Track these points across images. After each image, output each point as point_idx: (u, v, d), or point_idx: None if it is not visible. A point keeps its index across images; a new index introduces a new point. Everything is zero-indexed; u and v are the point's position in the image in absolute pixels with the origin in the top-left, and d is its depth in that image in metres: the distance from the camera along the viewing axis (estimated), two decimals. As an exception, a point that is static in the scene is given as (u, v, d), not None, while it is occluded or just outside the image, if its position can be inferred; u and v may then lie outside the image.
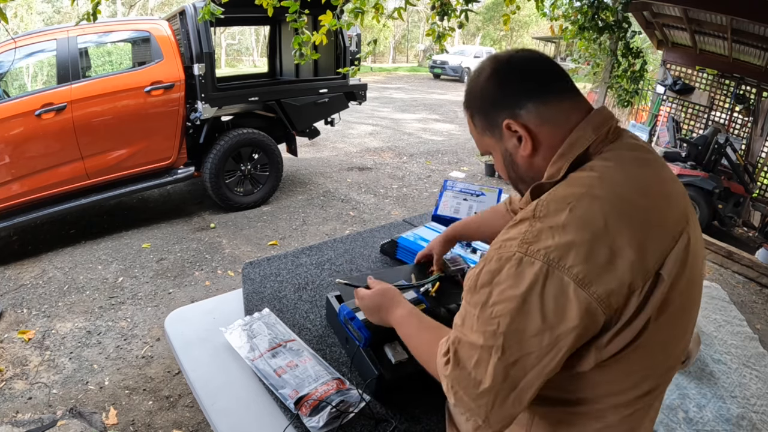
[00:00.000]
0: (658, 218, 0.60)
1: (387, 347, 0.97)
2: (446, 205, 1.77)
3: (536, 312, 0.55)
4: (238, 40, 25.54)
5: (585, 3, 3.71)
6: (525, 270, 0.56)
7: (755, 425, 1.29)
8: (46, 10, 17.92)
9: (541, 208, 0.59)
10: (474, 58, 17.54)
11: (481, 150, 0.77)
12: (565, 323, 0.55)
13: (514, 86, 0.68)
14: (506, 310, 0.56)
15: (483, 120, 0.72)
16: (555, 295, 0.55)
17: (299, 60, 2.67)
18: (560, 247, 0.55)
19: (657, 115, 5.97)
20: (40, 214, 3.21)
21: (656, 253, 0.57)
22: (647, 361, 0.61)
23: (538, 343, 0.56)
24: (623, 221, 0.56)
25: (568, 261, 0.54)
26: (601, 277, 0.54)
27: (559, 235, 0.56)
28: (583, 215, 0.56)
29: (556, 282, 0.54)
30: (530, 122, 0.66)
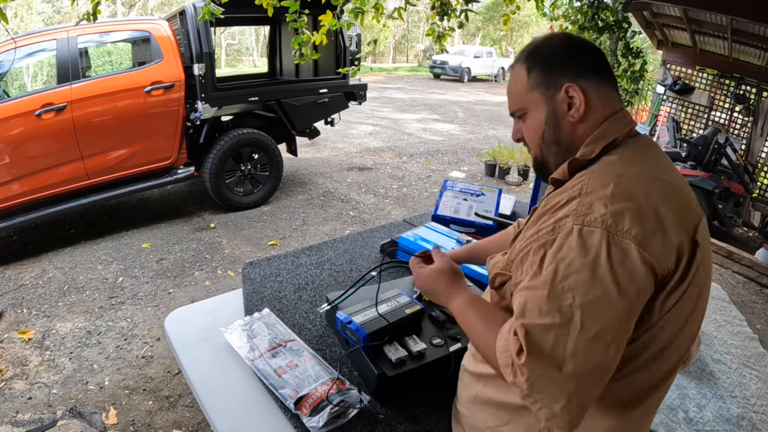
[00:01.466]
0: (684, 193, 0.66)
1: (386, 347, 0.97)
2: (446, 205, 1.77)
3: (608, 278, 0.57)
4: (238, 40, 25.53)
5: (585, 3, 3.71)
6: (587, 240, 0.58)
7: (755, 425, 1.29)
8: (46, 10, 17.91)
9: (587, 185, 0.63)
10: (474, 58, 17.54)
11: (515, 106, 0.79)
12: (635, 285, 0.57)
13: (584, 58, 0.74)
14: (579, 282, 0.58)
15: (542, 75, 0.74)
16: (621, 259, 0.57)
17: (299, 60, 2.67)
18: (615, 213, 0.59)
19: (657, 115, 5.97)
20: (40, 214, 3.21)
21: (691, 220, 0.64)
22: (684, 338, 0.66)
23: (615, 311, 0.57)
24: (660, 193, 0.62)
25: (625, 225, 0.58)
26: (655, 238, 0.59)
27: (611, 204, 0.59)
28: (627, 187, 0.61)
29: (619, 245, 0.57)
30: (588, 92, 0.72)
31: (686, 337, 0.68)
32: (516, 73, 0.77)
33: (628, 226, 0.58)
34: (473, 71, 17.42)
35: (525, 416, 0.71)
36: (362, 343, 0.95)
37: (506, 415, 0.74)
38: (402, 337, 1.00)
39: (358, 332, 0.95)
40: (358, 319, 0.98)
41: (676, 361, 0.68)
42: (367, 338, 0.95)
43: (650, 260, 0.58)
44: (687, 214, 0.64)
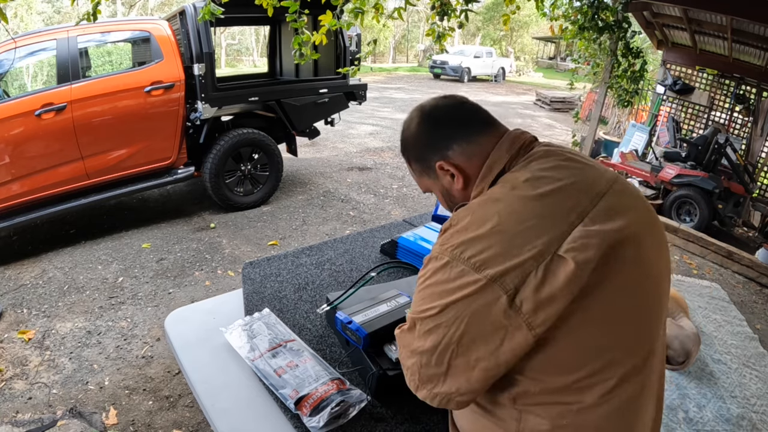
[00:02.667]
0: (554, 208, 0.67)
1: (387, 346, 0.97)
2: (446, 205, 1.77)
3: (444, 289, 0.67)
4: (238, 40, 25.52)
5: (585, 3, 3.72)
6: (437, 265, 0.69)
7: (755, 425, 1.29)
8: (46, 10, 17.91)
9: (453, 218, 0.72)
10: (474, 58, 17.55)
11: (422, 189, 0.89)
12: (463, 292, 0.64)
13: (440, 131, 0.80)
14: (427, 294, 0.69)
15: (419, 164, 0.84)
16: (455, 277, 0.66)
17: (299, 60, 2.67)
18: (462, 243, 0.67)
19: (657, 115, 5.97)
20: (40, 214, 3.21)
21: (549, 237, 0.64)
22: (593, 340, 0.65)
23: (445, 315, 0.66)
24: (516, 215, 0.66)
25: (467, 253, 0.66)
26: (494, 261, 0.64)
27: (461, 234, 0.68)
28: (481, 216, 0.68)
29: (457, 269, 0.66)
30: (459, 160, 0.78)
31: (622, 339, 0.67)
32: (406, 163, 0.88)
33: (470, 254, 0.65)
34: (473, 71, 17.42)
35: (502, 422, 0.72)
36: (362, 343, 0.96)
37: (485, 421, 0.75)
38: None
39: (359, 332, 0.96)
40: (358, 319, 0.98)
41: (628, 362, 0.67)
42: (368, 338, 0.95)
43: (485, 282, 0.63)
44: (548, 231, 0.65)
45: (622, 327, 0.67)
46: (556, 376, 0.65)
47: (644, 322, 0.70)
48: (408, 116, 0.85)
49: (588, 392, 0.65)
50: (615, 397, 0.66)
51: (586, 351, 0.65)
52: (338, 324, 1.01)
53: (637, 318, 0.69)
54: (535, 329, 0.62)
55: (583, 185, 0.70)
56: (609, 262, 0.65)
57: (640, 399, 0.69)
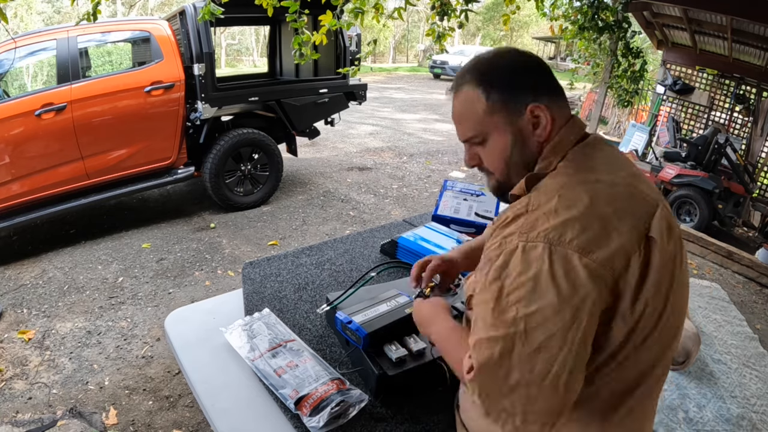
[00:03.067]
0: (634, 191, 0.66)
1: (386, 346, 0.97)
2: (446, 205, 1.77)
3: (550, 289, 0.57)
4: (238, 40, 25.52)
5: (585, 3, 3.72)
6: (530, 255, 0.59)
7: (755, 425, 1.29)
8: (46, 10, 17.91)
9: (533, 201, 0.65)
10: (474, 58, 17.53)
11: (471, 132, 0.74)
12: (579, 292, 0.57)
13: (539, 74, 0.73)
14: (522, 296, 0.59)
15: (502, 97, 0.71)
16: (564, 269, 0.58)
17: (299, 60, 2.67)
18: (557, 227, 0.60)
19: (657, 115, 5.97)
20: (40, 214, 3.21)
21: (641, 214, 0.63)
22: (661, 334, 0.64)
23: (560, 320, 0.57)
24: (605, 197, 0.63)
25: (567, 236, 0.59)
26: (599, 243, 0.59)
27: (553, 218, 0.61)
28: (571, 198, 0.62)
29: (561, 257, 0.58)
30: (552, 110, 0.71)
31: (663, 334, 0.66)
32: (467, 96, 0.73)
33: (570, 237, 0.59)
34: (473, 71, 17.39)
35: None
36: (362, 343, 0.96)
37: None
38: (402, 337, 1.00)
39: (358, 332, 0.96)
40: (358, 319, 0.98)
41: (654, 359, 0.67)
42: (368, 338, 0.95)
43: (595, 266, 0.58)
44: (636, 212, 0.63)
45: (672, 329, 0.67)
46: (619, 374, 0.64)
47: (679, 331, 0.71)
48: (497, 49, 0.76)
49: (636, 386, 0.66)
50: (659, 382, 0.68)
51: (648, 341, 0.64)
52: (338, 324, 1.01)
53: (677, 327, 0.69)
54: (632, 316, 0.61)
55: (644, 178, 0.70)
56: (676, 244, 0.65)
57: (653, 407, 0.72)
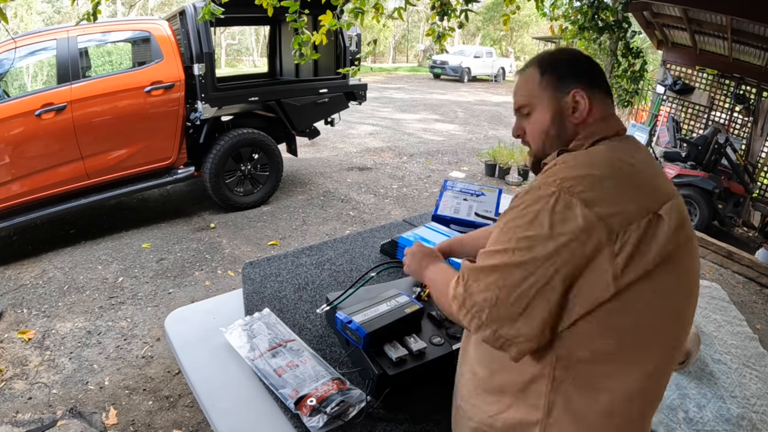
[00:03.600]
0: (653, 179, 0.72)
1: (387, 346, 0.97)
2: (446, 205, 1.77)
3: (546, 221, 0.65)
4: (238, 40, 25.52)
5: (585, 3, 3.71)
6: (541, 194, 0.68)
7: (755, 425, 1.29)
8: (46, 10, 17.91)
9: (561, 159, 0.74)
10: (474, 58, 17.53)
11: (523, 101, 0.86)
12: (567, 230, 0.64)
13: (592, 72, 0.84)
14: (522, 222, 0.68)
15: (555, 78, 0.83)
16: (562, 210, 0.65)
17: (299, 60, 2.67)
18: (572, 177, 0.67)
19: (657, 115, 5.97)
20: (40, 214, 3.21)
21: (654, 197, 0.69)
22: (661, 314, 0.68)
23: (543, 248, 0.65)
24: (625, 172, 0.70)
25: (578, 188, 0.66)
26: (604, 201, 0.65)
27: (572, 170, 0.69)
28: (593, 162, 0.71)
29: (565, 201, 0.65)
30: (593, 100, 0.81)
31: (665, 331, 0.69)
32: (528, 74, 0.86)
33: (581, 189, 0.66)
34: (473, 71, 17.41)
35: (528, 396, 0.72)
36: (362, 343, 0.96)
37: (508, 399, 0.75)
38: (402, 337, 1.00)
39: (359, 332, 0.96)
40: (357, 319, 0.98)
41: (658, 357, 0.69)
42: (368, 338, 0.95)
43: (590, 216, 0.63)
44: (650, 193, 0.69)
45: (673, 314, 0.70)
46: (606, 341, 0.67)
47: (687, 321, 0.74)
48: (566, 47, 0.91)
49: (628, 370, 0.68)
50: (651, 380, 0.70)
51: (642, 325, 0.67)
52: (338, 324, 1.01)
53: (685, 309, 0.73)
54: (619, 281, 0.64)
55: (667, 177, 0.77)
56: (687, 243, 0.69)
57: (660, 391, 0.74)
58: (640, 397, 0.69)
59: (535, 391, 0.71)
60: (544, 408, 0.70)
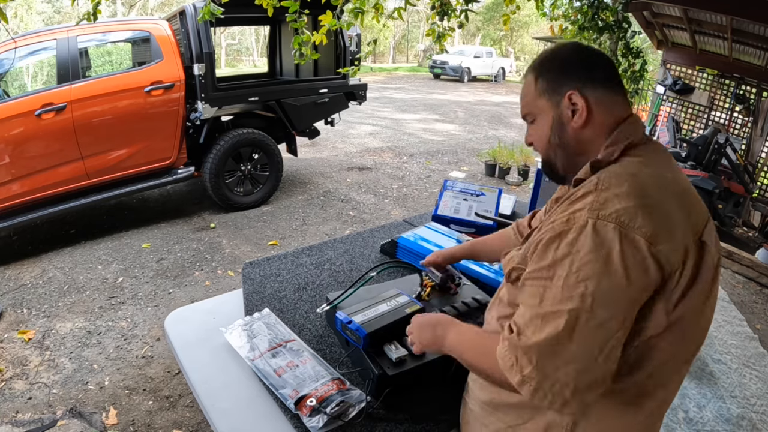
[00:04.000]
0: (692, 194, 0.70)
1: (386, 346, 0.97)
2: (446, 205, 1.77)
3: (620, 270, 0.60)
4: (238, 40, 25.52)
5: (585, 3, 3.71)
6: (601, 233, 0.61)
7: (755, 425, 1.29)
8: (46, 10, 17.91)
9: (603, 181, 0.66)
10: (474, 58, 17.53)
11: (525, 110, 0.83)
12: (644, 279, 0.61)
13: (591, 67, 0.78)
14: (593, 272, 0.60)
15: (547, 84, 0.79)
16: (633, 254, 0.60)
17: (299, 60, 2.67)
18: (628, 210, 0.62)
19: (657, 115, 5.96)
20: (40, 214, 3.21)
21: (698, 221, 0.67)
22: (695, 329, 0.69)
23: (625, 301, 0.61)
24: (670, 193, 0.67)
25: (637, 222, 0.61)
26: (665, 236, 0.62)
27: (625, 201, 0.63)
28: (640, 186, 0.65)
29: (631, 241, 0.60)
30: (591, 99, 0.75)
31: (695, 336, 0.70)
32: (527, 80, 0.82)
33: (640, 223, 0.61)
34: (473, 71, 17.41)
35: (546, 413, 0.72)
36: (362, 343, 0.95)
37: (527, 413, 0.75)
38: (402, 337, 1.00)
39: (358, 332, 0.95)
40: (357, 319, 0.98)
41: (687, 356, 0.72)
42: (367, 338, 0.95)
43: (658, 256, 0.60)
44: (694, 215, 0.67)
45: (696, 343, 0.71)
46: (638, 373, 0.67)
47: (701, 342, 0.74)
48: (560, 43, 0.86)
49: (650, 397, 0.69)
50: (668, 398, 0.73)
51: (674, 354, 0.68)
52: (338, 324, 1.01)
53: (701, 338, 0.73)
54: (671, 316, 0.63)
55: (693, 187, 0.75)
56: (717, 251, 0.68)
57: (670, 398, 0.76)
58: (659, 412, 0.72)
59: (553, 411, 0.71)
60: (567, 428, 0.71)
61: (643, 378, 0.67)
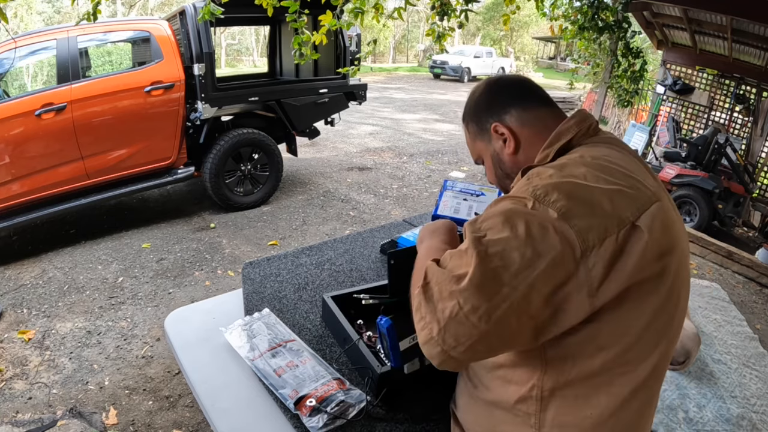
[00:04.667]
0: (630, 183, 0.66)
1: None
2: (446, 205, 1.77)
3: (521, 229, 0.60)
4: (238, 40, 25.52)
5: (585, 3, 3.72)
6: (516, 203, 0.63)
7: (755, 425, 1.28)
8: (46, 10, 17.92)
9: (532, 173, 0.69)
10: (474, 58, 17.55)
11: (474, 156, 0.91)
12: (546, 241, 0.59)
13: (501, 97, 0.84)
14: (494, 224, 0.62)
15: (475, 126, 0.87)
16: (540, 222, 0.60)
17: (299, 60, 2.67)
18: (546, 186, 0.63)
19: (657, 115, 5.97)
20: (40, 214, 3.21)
21: (630, 207, 0.63)
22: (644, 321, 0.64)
23: (519, 257, 0.59)
24: (599, 178, 0.65)
25: (552, 197, 0.62)
26: (581, 214, 0.60)
27: (545, 179, 0.65)
28: (567, 172, 0.66)
29: (542, 212, 0.61)
30: (513, 125, 0.81)
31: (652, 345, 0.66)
32: (463, 130, 0.91)
33: (555, 198, 0.61)
34: (473, 71, 17.42)
35: (518, 416, 0.71)
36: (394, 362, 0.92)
37: (500, 413, 0.75)
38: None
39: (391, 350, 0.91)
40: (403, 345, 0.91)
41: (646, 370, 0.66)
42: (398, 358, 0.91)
43: (569, 232, 0.59)
44: (628, 201, 0.63)
45: (661, 322, 0.66)
46: (592, 357, 0.63)
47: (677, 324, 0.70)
48: (475, 86, 0.90)
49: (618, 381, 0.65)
50: (643, 389, 0.66)
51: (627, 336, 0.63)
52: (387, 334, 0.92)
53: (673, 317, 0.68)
54: (594, 298, 0.60)
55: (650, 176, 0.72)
56: (673, 249, 0.64)
57: (654, 399, 0.72)
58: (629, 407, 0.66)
59: (523, 410, 0.69)
60: (535, 426, 0.69)
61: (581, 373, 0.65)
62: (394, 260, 0.93)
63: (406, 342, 0.91)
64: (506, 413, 0.73)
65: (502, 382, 0.73)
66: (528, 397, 0.68)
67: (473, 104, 0.87)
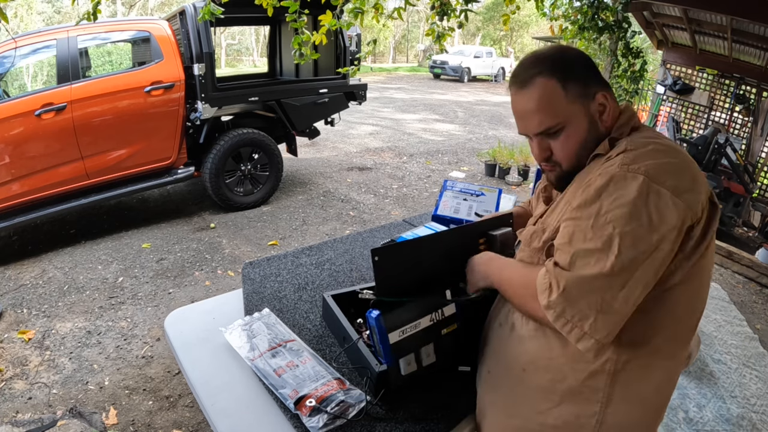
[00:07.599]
0: None
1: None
2: (446, 205, 1.77)
3: (644, 215, 0.66)
4: (238, 40, 25.52)
5: (585, 3, 3.71)
6: (630, 183, 0.67)
7: (755, 425, 1.28)
8: (46, 10, 17.91)
9: (630, 144, 0.73)
10: (474, 58, 17.53)
11: (551, 122, 0.79)
12: (666, 224, 0.66)
13: (595, 71, 0.83)
14: (619, 215, 0.67)
15: (580, 88, 0.79)
16: (656, 202, 0.66)
17: (299, 60, 2.67)
18: (657, 166, 0.68)
19: (657, 115, 5.96)
20: (40, 214, 3.21)
21: (707, 184, 0.72)
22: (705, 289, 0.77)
23: (646, 244, 0.66)
24: (686, 156, 0.72)
25: (664, 176, 0.67)
26: (688, 190, 0.68)
27: (654, 157, 0.69)
28: (668, 147, 0.72)
29: (656, 191, 0.66)
30: (610, 98, 0.82)
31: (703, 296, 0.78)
32: (543, 89, 0.77)
33: (665, 178, 0.67)
34: (473, 71, 17.42)
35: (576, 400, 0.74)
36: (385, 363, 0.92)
37: (556, 397, 0.76)
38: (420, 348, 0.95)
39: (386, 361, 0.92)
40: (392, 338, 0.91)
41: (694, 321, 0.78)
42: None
43: (683, 206, 0.66)
44: (704, 179, 0.72)
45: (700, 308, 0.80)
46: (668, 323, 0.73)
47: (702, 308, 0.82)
48: (558, 46, 0.86)
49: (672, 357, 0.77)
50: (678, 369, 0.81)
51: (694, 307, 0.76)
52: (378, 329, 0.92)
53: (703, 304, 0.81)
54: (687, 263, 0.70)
55: None
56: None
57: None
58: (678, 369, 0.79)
59: (592, 386, 0.73)
60: (602, 401, 0.73)
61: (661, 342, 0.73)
62: (378, 257, 0.89)
63: (395, 335, 0.91)
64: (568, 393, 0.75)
65: (570, 360, 0.75)
66: (600, 372, 0.72)
67: (577, 63, 0.80)
